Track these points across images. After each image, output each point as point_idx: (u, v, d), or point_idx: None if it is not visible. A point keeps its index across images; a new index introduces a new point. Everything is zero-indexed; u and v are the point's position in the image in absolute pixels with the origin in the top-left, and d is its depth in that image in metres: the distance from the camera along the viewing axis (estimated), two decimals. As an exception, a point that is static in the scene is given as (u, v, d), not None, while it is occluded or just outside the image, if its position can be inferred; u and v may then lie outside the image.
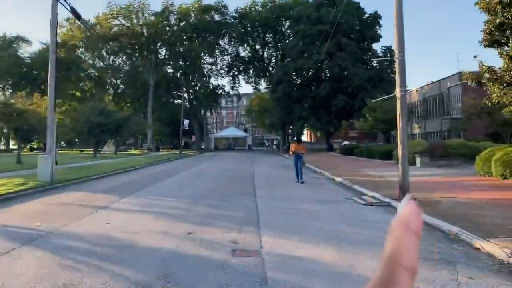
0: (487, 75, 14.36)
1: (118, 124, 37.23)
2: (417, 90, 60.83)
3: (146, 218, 8.60)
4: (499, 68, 13.92)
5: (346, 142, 64.20)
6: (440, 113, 53.92)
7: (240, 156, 41.27)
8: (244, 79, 64.63)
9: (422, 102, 58.27)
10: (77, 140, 51.28)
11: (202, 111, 67.35)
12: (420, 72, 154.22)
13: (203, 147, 65.28)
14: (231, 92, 64.33)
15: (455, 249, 6.28)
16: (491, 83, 14.05)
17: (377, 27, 49.74)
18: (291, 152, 16.23)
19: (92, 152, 39.45)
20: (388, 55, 50.86)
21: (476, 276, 5.07)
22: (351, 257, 5.76)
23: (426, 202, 10.09)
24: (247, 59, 62.36)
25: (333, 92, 43.78)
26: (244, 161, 32.24)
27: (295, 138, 17.29)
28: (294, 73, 47.18)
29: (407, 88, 44.96)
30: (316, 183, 16.04)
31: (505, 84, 12.47)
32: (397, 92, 10.83)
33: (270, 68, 59.75)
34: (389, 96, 23.11)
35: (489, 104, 14.57)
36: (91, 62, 65.14)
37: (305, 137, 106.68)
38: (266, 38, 60.96)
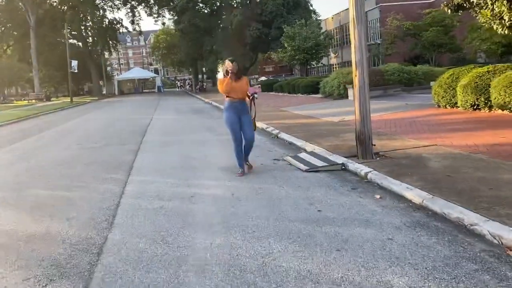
0: None
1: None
2: (332, 18, 57.71)
3: None
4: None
5: (263, 78, 60.63)
6: (357, 41, 51.42)
7: (144, 100, 35.48)
8: (146, 11, 56.49)
9: (339, 30, 55.35)
10: None
11: (100, 51, 58.66)
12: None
13: (104, 92, 57.59)
14: (132, 28, 56.09)
15: None
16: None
17: None
18: (226, 98, 6.47)
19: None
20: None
21: None
22: None
23: (401, 158, 6.25)
24: (145, -13, 53.98)
25: (246, 21, 38.73)
26: (145, 106, 26.89)
27: (228, 61, 6.36)
28: (200, 0, 41.02)
29: (321, 18, 41.11)
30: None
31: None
32: (349, -18, 6.52)
33: (174, -3, 52.31)
34: None
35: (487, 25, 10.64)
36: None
37: (220, 75, 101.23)
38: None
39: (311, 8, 45.46)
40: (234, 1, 42.96)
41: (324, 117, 12.38)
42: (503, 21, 8.89)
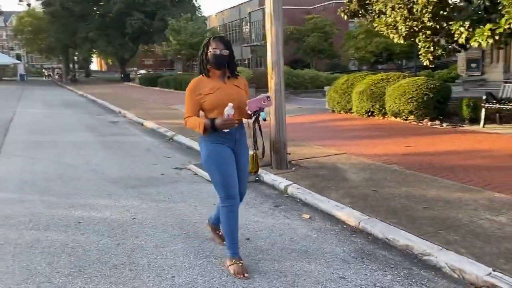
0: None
1: None
2: (216, 15, 57.43)
3: None
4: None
5: (143, 71, 58.00)
6: (240, 40, 51.85)
7: (3, 89, 30.82)
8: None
9: (222, 28, 55.24)
10: None
11: None
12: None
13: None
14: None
15: None
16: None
17: None
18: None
19: None
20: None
21: None
22: None
23: (317, 168, 5.72)
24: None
25: (127, 9, 36.13)
26: (5, 97, 23.15)
27: (217, 41, 3.06)
28: (75, -18, 37.16)
29: (204, 14, 40.49)
30: (116, 133, 10.33)
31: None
32: (266, -28, 5.86)
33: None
34: None
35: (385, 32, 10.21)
36: None
37: (94, 66, 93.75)
38: None
39: (195, 3, 44.49)
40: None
41: (220, 118, 11.62)
42: (399, 30, 9.12)
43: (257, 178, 5.77)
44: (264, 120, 3.18)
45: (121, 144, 8.66)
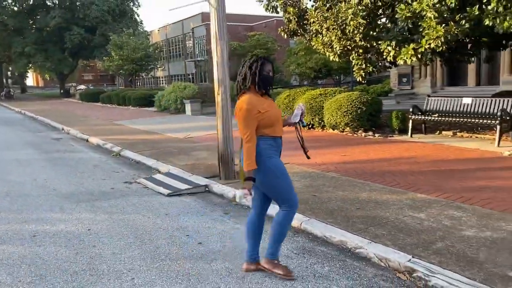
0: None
1: None
2: (158, 30, 57.19)
3: None
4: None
5: (82, 86, 56.45)
6: (184, 55, 51.96)
7: None
8: None
9: (165, 43, 55.05)
10: None
11: None
12: (163, 11, 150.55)
13: None
14: None
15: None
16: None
17: None
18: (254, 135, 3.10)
19: None
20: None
21: None
22: None
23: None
24: None
25: (66, 24, 35.26)
26: None
27: (266, 60, 3.17)
28: (8, -5, 35.81)
29: (147, 29, 40.59)
30: (61, 149, 10.21)
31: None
32: (210, -4, 6.27)
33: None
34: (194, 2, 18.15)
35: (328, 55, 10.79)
36: None
37: (30, 81, 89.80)
38: None
39: (137, 18, 44.28)
40: (51, 1, 38.67)
41: (167, 133, 11.82)
42: (334, 49, 9.86)
43: (206, 189, 6.09)
44: (304, 126, 3.52)
45: (67, 160, 8.63)
